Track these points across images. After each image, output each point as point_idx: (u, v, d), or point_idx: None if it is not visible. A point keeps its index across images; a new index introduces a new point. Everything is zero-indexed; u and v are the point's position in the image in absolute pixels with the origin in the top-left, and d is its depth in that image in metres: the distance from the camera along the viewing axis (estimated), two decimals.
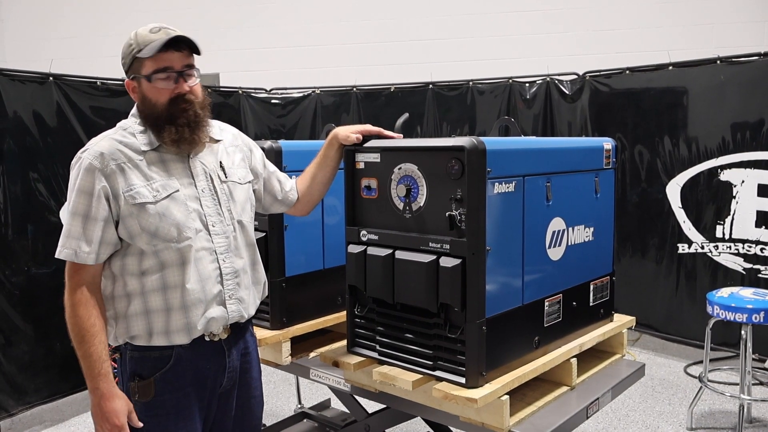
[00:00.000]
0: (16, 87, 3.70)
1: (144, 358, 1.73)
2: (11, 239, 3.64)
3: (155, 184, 1.72)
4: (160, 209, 1.70)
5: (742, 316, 3.16)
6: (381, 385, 2.01)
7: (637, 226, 4.78)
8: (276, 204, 2.10)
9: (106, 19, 6.87)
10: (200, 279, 1.74)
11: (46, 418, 3.90)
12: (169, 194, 1.73)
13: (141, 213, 1.69)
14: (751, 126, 4.22)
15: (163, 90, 1.73)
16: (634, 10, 6.29)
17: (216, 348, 1.81)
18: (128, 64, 1.75)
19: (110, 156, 1.69)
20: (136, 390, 1.73)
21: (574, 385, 2.09)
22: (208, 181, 1.81)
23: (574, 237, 2.13)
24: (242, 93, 5.56)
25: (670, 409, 3.84)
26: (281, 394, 4.19)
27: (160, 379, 1.73)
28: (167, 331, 1.73)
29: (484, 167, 1.75)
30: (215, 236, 1.78)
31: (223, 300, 1.79)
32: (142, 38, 1.72)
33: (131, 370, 1.75)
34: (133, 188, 1.69)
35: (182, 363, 1.76)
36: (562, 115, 5.13)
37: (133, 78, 1.76)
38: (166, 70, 1.72)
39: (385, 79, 5.68)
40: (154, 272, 1.71)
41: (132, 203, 1.68)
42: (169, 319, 1.72)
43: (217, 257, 1.78)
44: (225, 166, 1.87)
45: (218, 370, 1.82)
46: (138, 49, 1.71)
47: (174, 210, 1.72)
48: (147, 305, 1.72)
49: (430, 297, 1.81)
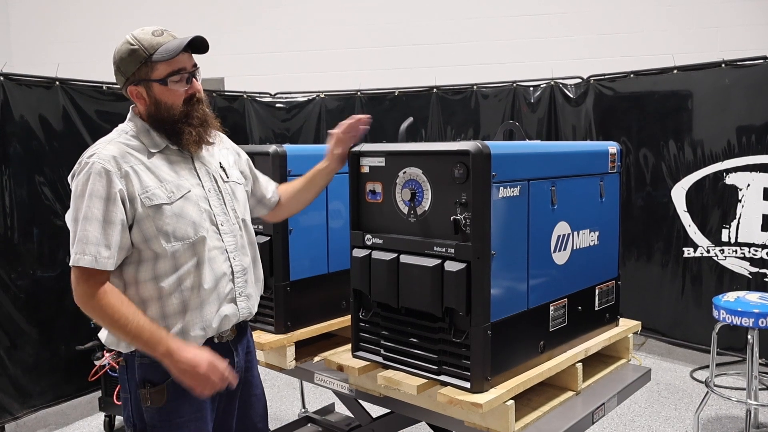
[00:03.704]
0: (22, 91, 3.72)
1: (155, 363, 1.72)
2: (17, 242, 3.64)
3: (169, 185, 1.72)
4: (176, 210, 1.71)
5: (749, 320, 3.14)
6: (385, 389, 2.00)
7: (643, 230, 4.77)
8: (258, 207, 2.12)
9: (111, 24, 6.89)
10: (215, 278, 1.76)
11: (51, 422, 3.91)
12: (183, 194, 1.74)
13: (157, 214, 1.69)
14: (756, 129, 4.20)
15: (178, 92, 1.74)
16: (638, 13, 6.28)
17: (225, 349, 1.83)
18: (132, 70, 1.71)
19: (122, 159, 1.69)
20: (148, 397, 1.72)
21: (580, 390, 2.08)
22: (212, 182, 1.83)
23: (579, 241, 2.13)
24: (247, 97, 5.57)
25: (676, 414, 3.82)
26: (285, 399, 4.19)
27: (172, 383, 1.72)
28: (184, 331, 1.73)
29: (489, 171, 1.74)
30: (224, 235, 1.80)
31: (234, 297, 1.82)
32: (147, 42, 1.70)
33: (141, 377, 1.74)
34: (148, 190, 1.69)
35: None
36: (566, 119, 5.13)
37: (138, 83, 1.73)
38: (180, 72, 1.73)
39: (389, 83, 5.68)
40: (169, 275, 1.71)
41: (149, 205, 1.68)
42: (185, 320, 1.73)
43: (228, 256, 1.80)
44: (225, 167, 1.90)
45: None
46: (147, 54, 1.69)
47: (189, 210, 1.73)
48: (164, 309, 1.72)
49: (434, 301, 1.81)
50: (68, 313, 3.80)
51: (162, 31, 1.73)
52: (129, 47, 1.71)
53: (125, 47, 1.71)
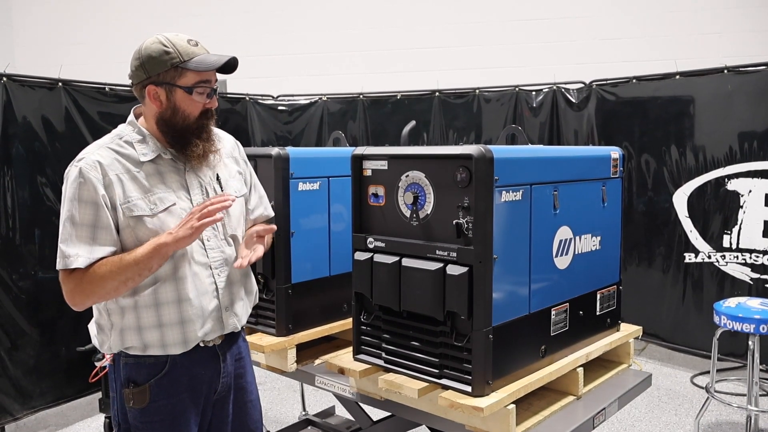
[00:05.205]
0: (25, 92, 3.72)
1: (139, 364, 1.72)
2: (18, 243, 3.65)
3: (153, 197, 1.70)
4: (157, 222, 1.68)
5: (750, 326, 3.14)
6: (386, 392, 2.00)
7: (644, 235, 4.77)
8: (247, 220, 2.02)
9: (115, 26, 6.91)
10: (198, 294, 1.74)
11: (51, 423, 3.91)
12: (167, 207, 1.71)
13: (138, 225, 1.67)
14: (758, 135, 4.20)
15: (198, 103, 1.73)
16: (641, 18, 6.29)
17: (211, 353, 1.82)
18: (159, 71, 1.68)
19: (108, 166, 1.67)
20: (131, 396, 1.72)
21: (581, 394, 2.07)
22: (203, 195, 1.79)
23: (581, 246, 2.13)
24: (249, 99, 5.58)
25: (676, 420, 3.81)
26: (286, 401, 4.19)
27: (156, 384, 1.73)
28: (163, 344, 1.72)
29: (492, 175, 1.75)
30: (210, 251, 1.78)
31: (220, 314, 1.80)
32: (182, 48, 1.69)
33: (126, 376, 1.74)
34: (130, 200, 1.67)
35: (177, 369, 1.75)
36: (568, 124, 5.13)
37: (160, 85, 1.70)
38: (205, 84, 1.72)
39: (391, 87, 5.69)
40: (145, 287, 1.69)
41: (129, 215, 1.67)
42: (163, 334, 1.71)
43: (212, 272, 1.78)
44: (221, 179, 1.86)
45: (213, 375, 1.83)
46: (181, 60, 1.68)
47: (171, 224, 1.70)
48: (139, 321, 1.71)
49: (436, 305, 1.81)
50: (69, 315, 3.80)
51: (196, 42, 1.73)
52: (162, 48, 1.68)
53: (157, 47, 1.69)
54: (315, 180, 2.42)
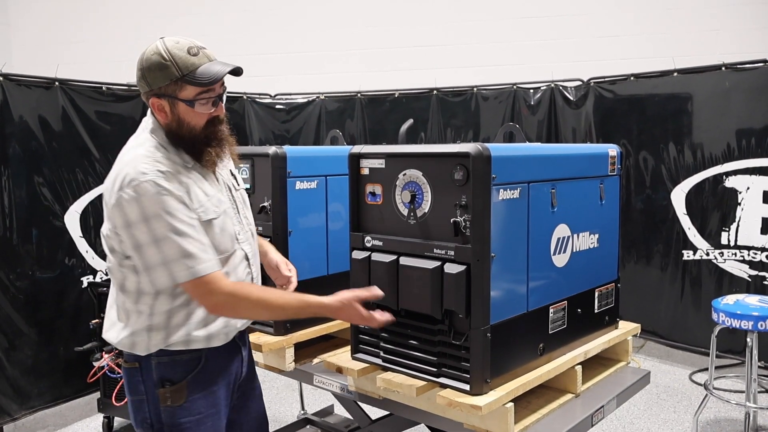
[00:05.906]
0: (22, 92, 3.71)
1: (174, 362, 1.72)
2: (16, 243, 3.64)
3: (213, 199, 1.72)
4: (220, 224, 1.72)
5: (748, 323, 3.14)
6: (385, 391, 2.00)
7: (642, 232, 4.77)
8: None
9: (113, 25, 6.89)
10: None
11: (49, 423, 3.90)
12: (224, 208, 1.75)
13: (207, 228, 1.69)
14: (756, 132, 4.21)
15: (203, 114, 1.70)
16: (638, 16, 6.28)
17: (233, 343, 1.84)
18: (159, 84, 1.64)
19: (173, 174, 1.64)
20: (167, 396, 1.71)
21: (579, 392, 2.08)
22: (227, 192, 1.83)
23: (579, 244, 2.13)
24: (247, 98, 5.57)
25: (675, 417, 3.81)
26: (284, 400, 4.18)
27: (192, 381, 1.73)
28: (208, 337, 1.74)
29: (489, 174, 1.74)
30: (243, 243, 1.82)
31: None
32: (182, 61, 1.63)
33: (159, 376, 1.72)
34: (202, 204, 1.68)
35: (211, 362, 1.76)
36: (566, 122, 5.13)
37: (162, 97, 1.67)
38: (208, 94, 1.69)
39: (389, 85, 5.68)
40: None
41: (203, 219, 1.68)
42: (209, 328, 1.73)
43: (248, 262, 1.83)
44: (235, 174, 1.91)
45: (238, 364, 1.87)
46: (180, 74, 1.63)
47: (228, 223, 1.75)
48: (189, 318, 1.71)
49: (434, 303, 1.81)
50: (67, 315, 3.80)
51: (198, 49, 1.66)
52: (161, 61, 1.62)
53: (156, 60, 1.63)
54: (312, 179, 2.42)
